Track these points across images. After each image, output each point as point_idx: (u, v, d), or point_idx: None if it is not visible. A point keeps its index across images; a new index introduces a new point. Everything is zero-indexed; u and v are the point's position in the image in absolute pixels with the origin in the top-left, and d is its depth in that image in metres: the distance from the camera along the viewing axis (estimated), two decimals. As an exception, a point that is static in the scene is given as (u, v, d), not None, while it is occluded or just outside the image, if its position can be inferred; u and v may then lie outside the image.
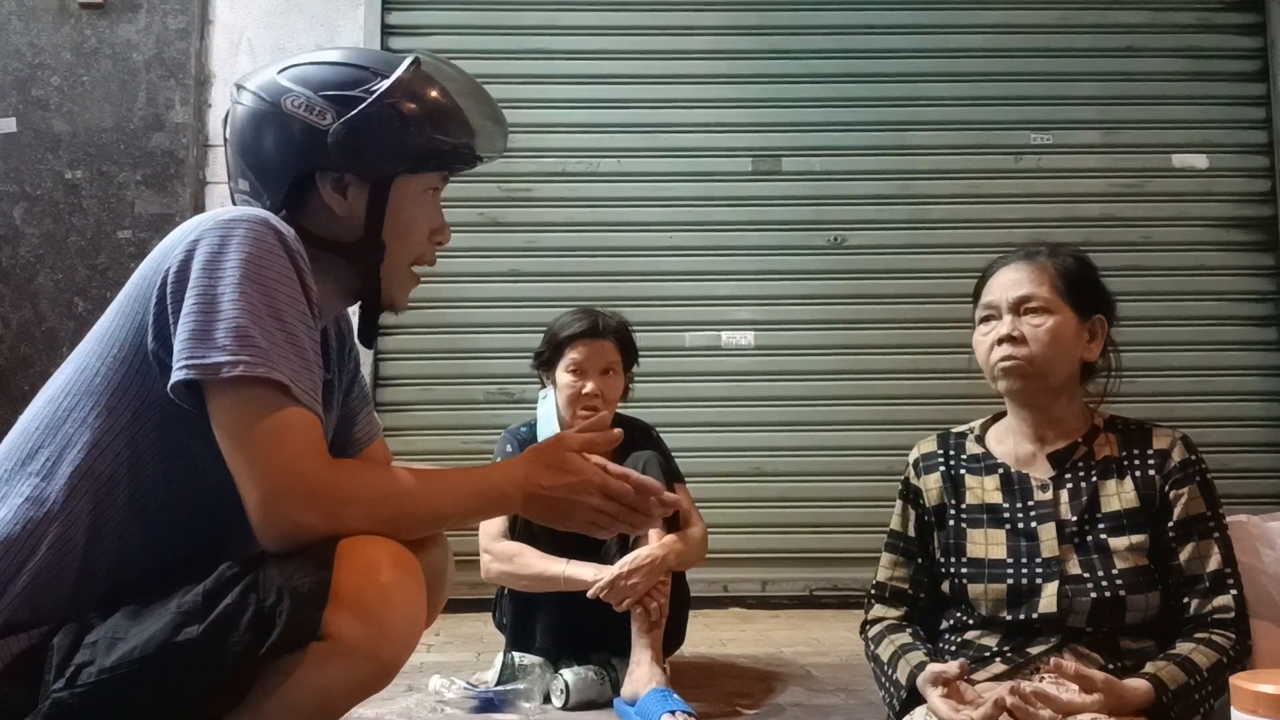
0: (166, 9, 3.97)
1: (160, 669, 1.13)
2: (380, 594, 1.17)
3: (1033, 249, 1.78)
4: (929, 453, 1.85)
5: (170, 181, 3.86)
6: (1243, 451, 4.08)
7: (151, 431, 1.25)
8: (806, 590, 3.96)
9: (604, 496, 1.35)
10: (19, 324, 3.81)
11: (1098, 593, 1.62)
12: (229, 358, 1.16)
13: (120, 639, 1.14)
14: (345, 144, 1.34)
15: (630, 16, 4.21)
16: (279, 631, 1.13)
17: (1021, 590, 1.65)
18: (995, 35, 4.24)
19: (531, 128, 4.08)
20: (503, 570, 2.43)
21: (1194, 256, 4.18)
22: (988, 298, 1.76)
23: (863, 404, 4.08)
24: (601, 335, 2.54)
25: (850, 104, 4.20)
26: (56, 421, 1.27)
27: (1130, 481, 1.68)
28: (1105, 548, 1.64)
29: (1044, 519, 1.68)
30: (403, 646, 1.23)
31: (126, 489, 1.25)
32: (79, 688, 1.13)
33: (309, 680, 1.16)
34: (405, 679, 2.52)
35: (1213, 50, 4.26)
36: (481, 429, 3.92)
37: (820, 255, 4.16)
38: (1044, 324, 1.69)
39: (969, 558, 1.72)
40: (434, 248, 1.46)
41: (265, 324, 1.20)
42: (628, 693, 2.25)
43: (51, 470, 1.24)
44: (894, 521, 1.88)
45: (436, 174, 1.44)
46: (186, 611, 1.15)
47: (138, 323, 1.25)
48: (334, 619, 1.14)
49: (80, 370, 1.29)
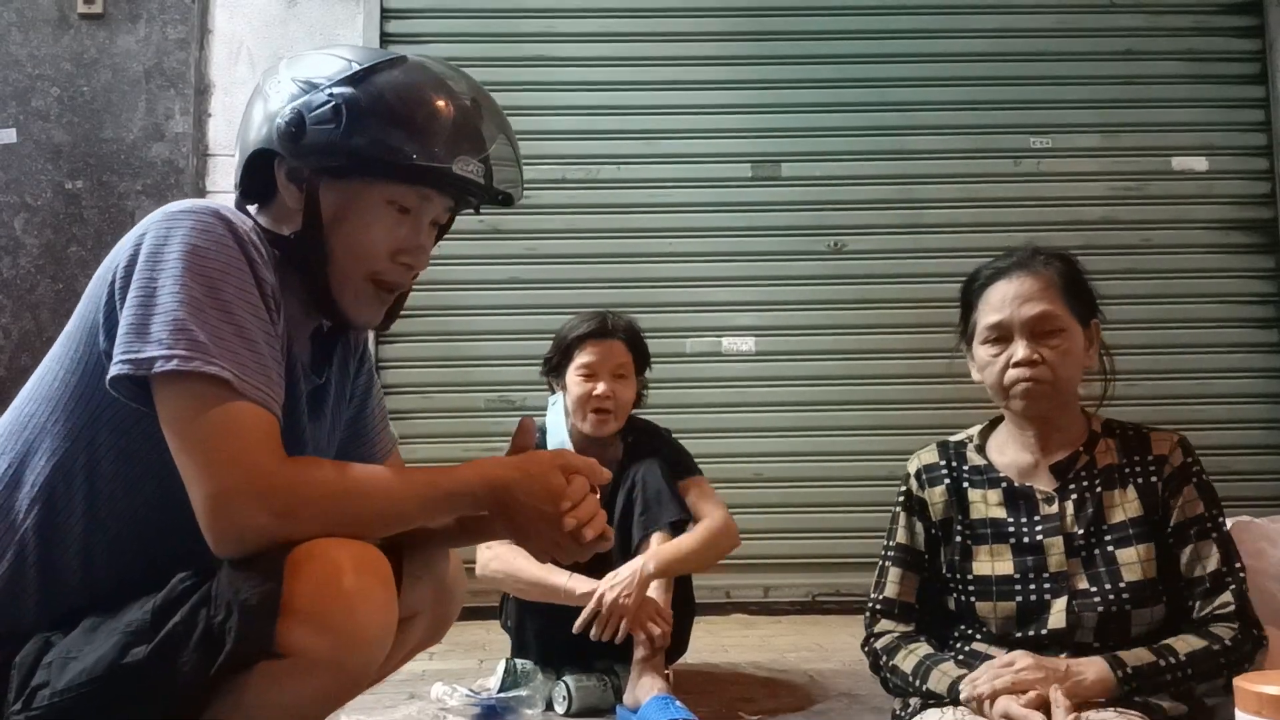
0: (166, 19, 3.98)
1: (109, 692, 1.08)
2: (343, 603, 1.10)
3: (1025, 256, 1.72)
4: (931, 464, 1.79)
5: (170, 191, 3.86)
6: (1244, 454, 4.07)
7: (107, 435, 1.20)
8: (809, 596, 3.95)
9: (565, 537, 1.26)
10: (19, 334, 3.81)
11: (1104, 607, 1.60)
12: (164, 351, 1.10)
13: (73, 659, 1.11)
14: (287, 129, 1.26)
15: (629, 24, 4.22)
16: (228, 649, 1.07)
17: (1030, 607, 1.63)
18: (994, 39, 4.25)
19: (531, 134, 4.08)
20: (498, 569, 2.35)
21: (1194, 259, 4.18)
22: (995, 316, 1.69)
23: (865, 409, 4.08)
24: (611, 335, 2.49)
25: (850, 109, 4.21)
26: (18, 428, 1.24)
27: (1133, 489, 1.67)
28: (1112, 560, 1.62)
29: (1050, 533, 1.66)
30: (371, 654, 1.15)
31: (84, 495, 1.21)
32: (34, 712, 1.10)
33: (273, 697, 1.11)
34: (408, 686, 2.52)
35: (1211, 53, 4.27)
36: (483, 437, 3.92)
37: (820, 260, 4.16)
38: (1061, 344, 1.66)
39: (975, 575, 1.69)
40: (400, 269, 1.33)
41: (207, 316, 1.13)
42: (630, 700, 2.24)
43: (15, 479, 1.22)
44: (899, 535, 1.80)
45: (407, 188, 1.30)
46: (134, 631, 1.10)
47: (91, 322, 1.21)
48: (293, 632, 1.08)
49: (42, 376, 1.26)
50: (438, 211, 1.37)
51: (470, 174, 1.30)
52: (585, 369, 2.46)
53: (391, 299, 1.38)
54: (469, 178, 1.31)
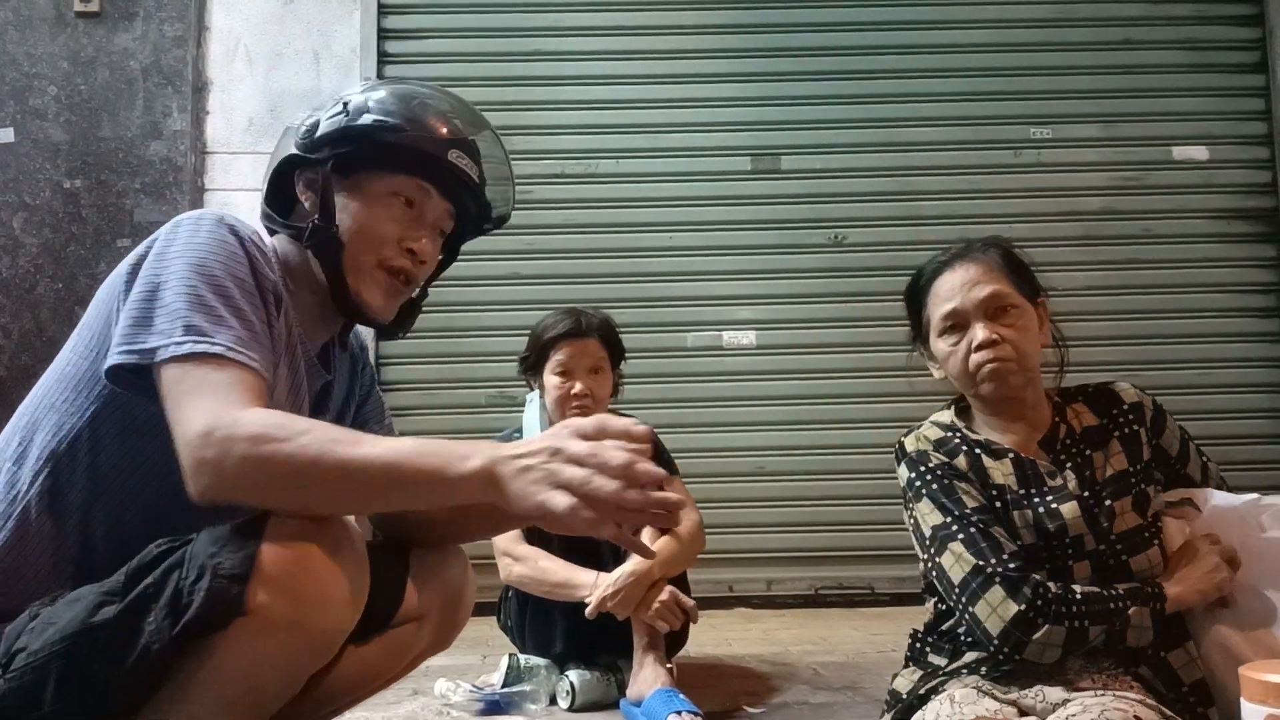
0: (163, 17, 3.97)
1: (78, 650, 1.11)
2: (302, 565, 1.12)
3: (963, 248, 1.75)
4: (940, 439, 1.76)
5: (169, 189, 3.86)
6: (1245, 443, 4.07)
7: (110, 413, 1.27)
8: (811, 589, 3.95)
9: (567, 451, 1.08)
10: (19, 334, 3.81)
11: (1101, 559, 1.62)
12: (164, 340, 1.19)
13: (52, 623, 1.14)
14: (303, 129, 1.44)
15: (627, 17, 4.21)
16: (195, 610, 1.09)
17: (1057, 574, 1.62)
18: (993, 30, 4.24)
19: (529, 130, 4.08)
20: (524, 574, 2.40)
21: (1195, 249, 4.18)
22: (948, 305, 1.70)
23: (866, 401, 4.07)
24: (586, 334, 2.53)
25: (849, 101, 4.20)
26: (30, 409, 1.33)
27: (1116, 443, 1.70)
28: (1112, 514, 1.64)
29: (1063, 499, 1.66)
30: (335, 617, 1.17)
31: (86, 469, 1.27)
32: (11, 674, 1.13)
33: (233, 658, 1.12)
34: (411, 683, 2.52)
35: (1211, 42, 4.26)
36: (484, 432, 3.91)
37: (821, 253, 4.15)
38: (1017, 321, 1.69)
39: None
40: (405, 255, 1.44)
41: (207, 304, 1.22)
42: (633, 694, 2.25)
43: (22, 455, 1.29)
44: (968, 502, 1.63)
45: (407, 179, 1.44)
46: (108, 591, 1.14)
47: (106, 312, 1.30)
48: (256, 594, 1.10)
49: (56, 364, 1.34)
50: (439, 213, 1.49)
51: (464, 166, 1.46)
52: (562, 367, 2.51)
53: (405, 292, 1.48)
54: (461, 168, 1.46)
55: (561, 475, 1.07)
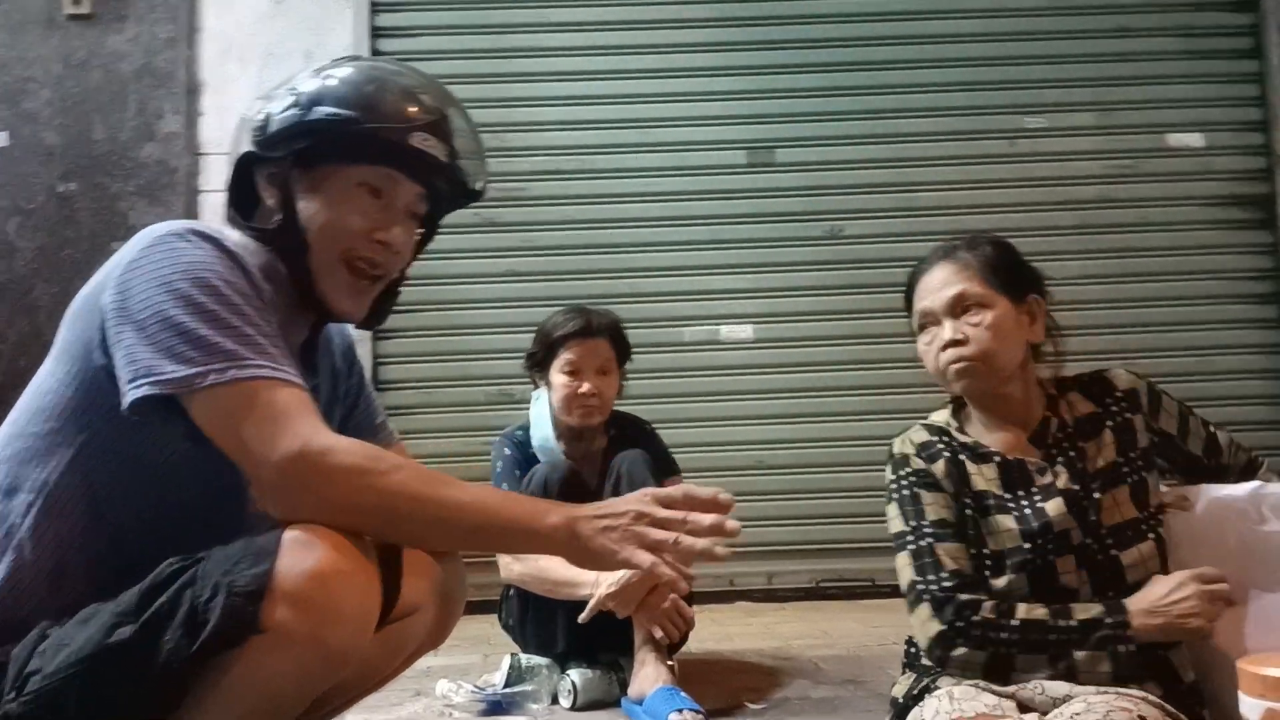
0: (155, 18, 3.96)
1: (96, 671, 1.11)
2: (318, 579, 1.13)
3: (948, 246, 1.77)
4: (926, 441, 1.78)
5: (163, 191, 3.85)
6: (1244, 430, 4.05)
7: (104, 442, 1.26)
8: (812, 582, 3.95)
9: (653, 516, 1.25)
10: (16, 338, 3.80)
11: (1089, 552, 1.63)
12: (199, 369, 1.18)
13: (65, 644, 1.14)
14: (256, 125, 1.38)
15: (620, 11, 4.19)
16: (211, 628, 1.10)
17: (1041, 572, 1.63)
18: (986, 19, 4.22)
19: (524, 126, 4.07)
20: (524, 572, 2.39)
21: (1191, 236, 4.17)
22: (920, 305, 1.76)
23: (864, 394, 4.07)
24: (595, 334, 2.52)
25: (843, 93, 4.19)
26: (12, 437, 1.30)
27: (1109, 433, 1.70)
28: (1099, 508, 1.65)
29: (1049, 495, 1.67)
30: (350, 632, 1.18)
31: (84, 499, 1.26)
32: (26, 696, 1.12)
33: (251, 674, 1.13)
34: (413, 683, 2.52)
35: (1205, 28, 4.25)
36: (483, 430, 3.89)
37: (818, 246, 4.15)
38: (983, 320, 1.69)
39: (989, 550, 1.67)
40: (375, 248, 1.40)
41: (225, 324, 1.21)
42: (635, 692, 2.25)
43: (12, 488, 1.27)
44: (929, 513, 1.70)
45: (371, 168, 1.38)
46: (122, 612, 1.14)
47: (85, 339, 1.27)
48: (271, 611, 1.11)
49: (36, 389, 1.32)
50: (409, 198, 1.43)
51: (428, 148, 1.38)
52: (570, 366, 2.50)
53: (374, 288, 1.43)
54: (427, 151, 1.38)
55: (648, 538, 1.22)
